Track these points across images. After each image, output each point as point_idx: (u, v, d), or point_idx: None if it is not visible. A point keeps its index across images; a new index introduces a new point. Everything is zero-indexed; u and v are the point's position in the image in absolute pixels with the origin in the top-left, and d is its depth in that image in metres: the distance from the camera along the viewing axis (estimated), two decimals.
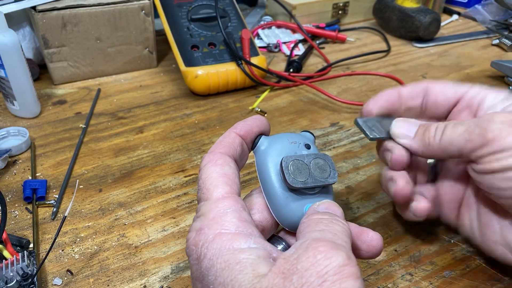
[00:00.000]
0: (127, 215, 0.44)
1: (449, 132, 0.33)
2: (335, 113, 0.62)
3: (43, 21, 0.63)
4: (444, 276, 0.37)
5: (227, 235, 0.26)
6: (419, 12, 0.83)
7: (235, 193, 0.29)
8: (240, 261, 0.24)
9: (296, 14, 0.87)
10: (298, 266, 0.23)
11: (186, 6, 0.69)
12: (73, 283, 0.37)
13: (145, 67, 0.74)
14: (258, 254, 0.25)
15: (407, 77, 0.72)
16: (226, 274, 0.24)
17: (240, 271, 0.24)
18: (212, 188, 0.29)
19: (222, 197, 0.28)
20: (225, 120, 0.60)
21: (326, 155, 0.33)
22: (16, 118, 0.60)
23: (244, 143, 0.33)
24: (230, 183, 0.29)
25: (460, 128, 0.33)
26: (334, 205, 0.30)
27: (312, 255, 0.23)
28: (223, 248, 0.25)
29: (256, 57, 0.68)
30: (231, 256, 0.25)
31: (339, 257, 0.23)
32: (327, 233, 0.26)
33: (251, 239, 0.26)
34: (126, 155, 0.53)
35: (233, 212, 0.27)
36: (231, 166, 0.30)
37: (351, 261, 0.23)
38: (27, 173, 0.50)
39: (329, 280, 0.22)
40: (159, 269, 0.38)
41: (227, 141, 0.32)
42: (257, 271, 0.24)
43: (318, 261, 0.23)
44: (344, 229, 0.27)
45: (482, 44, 0.86)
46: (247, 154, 0.34)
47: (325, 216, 0.28)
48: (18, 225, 0.43)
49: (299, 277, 0.23)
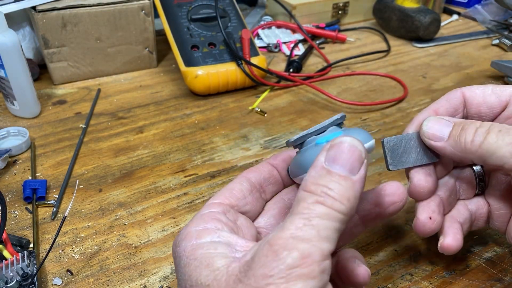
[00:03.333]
0: (127, 215, 0.44)
1: (492, 140, 0.28)
2: (335, 113, 0.62)
3: (43, 21, 0.63)
4: (444, 276, 0.37)
5: (194, 232, 0.26)
6: (419, 12, 0.83)
7: (228, 202, 0.29)
8: (197, 257, 0.25)
9: (296, 14, 0.87)
10: (251, 267, 0.22)
11: (186, 6, 0.69)
12: (73, 283, 0.37)
13: (145, 67, 0.74)
14: (216, 247, 0.25)
15: (407, 77, 0.72)
16: (187, 270, 0.25)
17: (196, 266, 0.24)
18: (210, 199, 0.30)
19: (210, 203, 0.29)
20: (225, 120, 0.60)
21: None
22: (16, 118, 0.60)
23: (274, 170, 0.33)
24: (227, 194, 0.30)
25: (508, 138, 0.28)
26: (345, 148, 0.24)
27: (264, 254, 0.22)
28: (188, 244, 0.26)
29: (256, 57, 0.68)
30: (192, 252, 0.25)
31: (289, 257, 0.21)
32: (297, 220, 0.22)
33: (215, 233, 0.26)
34: (126, 155, 0.53)
35: (209, 213, 0.28)
36: (242, 183, 0.31)
37: (307, 260, 0.21)
38: (27, 173, 0.50)
39: (273, 284, 0.21)
40: (159, 269, 0.38)
41: (256, 166, 0.33)
42: (211, 265, 0.24)
43: (267, 262, 0.21)
44: (329, 208, 0.22)
45: (482, 44, 0.86)
46: (278, 181, 0.33)
47: (310, 195, 0.23)
48: (18, 225, 0.43)
49: (247, 278, 0.22)
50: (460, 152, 0.30)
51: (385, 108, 0.63)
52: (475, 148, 0.29)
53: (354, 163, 0.24)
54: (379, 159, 0.52)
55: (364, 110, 0.63)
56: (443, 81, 0.71)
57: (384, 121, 0.60)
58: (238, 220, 0.29)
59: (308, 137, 0.29)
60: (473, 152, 0.29)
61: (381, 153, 0.54)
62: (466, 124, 0.31)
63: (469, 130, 0.30)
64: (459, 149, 0.30)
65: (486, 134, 0.29)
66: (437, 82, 0.71)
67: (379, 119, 0.61)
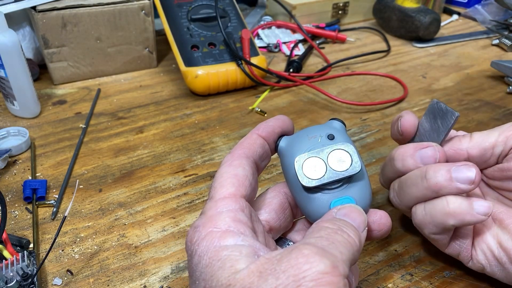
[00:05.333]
0: (127, 215, 0.44)
1: (478, 134, 0.35)
2: (335, 113, 0.62)
3: (43, 21, 0.63)
4: (444, 276, 0.37)
5: (217, 233, 0.26)
6: (419, 12, 0.83)
7: (240, 194, 0.28)
8: (221, 258, 0.25)
9: (296, 14, 0.87)
10: (277, 267, 0.23)
11: (186, 6, 0.69)
12: (73, 283, 0.37)
13: (145, 67, 0.74)
14: (241, 251, 0.25)
15: (407, 77, 0.72)
16: (208, 270, 0.25)
17: (219, 268, 0.24)
18: (218, 187, 0.29)
19: (223, 197, 0.28)
20: (225, 120, 0.60)
21: (347, 144, 0.31)
22: (16, 118, 0.60)
23: (266, 144, 0.32)
24: (237, 185, 0.29)
25: (485, 131, 0.34)
26: (355, 211, 0.29)
27: (294, 257, 0.23)
28: (210, 245, 0.25)
29: (256, 57, 0.68)
30: (215, 253, 0.25)
31: (321, 263, 0.22)
32: (322, 240, 0.25)
33: (239, 237, 0.26)
34: (126, 155, 0.53)
35: (228, 212, 0.27)
36: (245, 168, 0.30)
37: (335, 270, 0.22)
38: (27, 173, 0.50)
39: (304, 286, 0.22)
40: (159, 269, 0.38)
41: (247, 142, 0.31)
42: (234, 267, 0.24)
43: (298, 264, 0.22)
44: (347, 240, 0.26)
45: (482, 44, 0.86)
46: (269, 156, 0.33)
47: (332, 225, 0.27)
48: (18, 225, 0.43)
49: (275, 278, 0.22)
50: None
51: (385, 108, 0.63)
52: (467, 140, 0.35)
53: (360, 224, 0.28)
54: (379, 159, 0.52)
55: (364, 110, 0.63)
56: (443, 81, 0.71)
57: (384, 121, 0.60)
58: (252, 216, 0.29)
59: (323, 187, 0.31)
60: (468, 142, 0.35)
61: (381, 153, 0.54)
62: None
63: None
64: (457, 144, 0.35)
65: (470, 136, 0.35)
66: (437, 82, 0.71)
67: (379, 119, 0.61)
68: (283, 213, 0.33)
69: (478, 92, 0.68)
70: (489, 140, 0.35)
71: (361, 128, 0.58)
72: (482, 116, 0.61)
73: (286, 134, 0.33)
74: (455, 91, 0.68)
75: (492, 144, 0.35)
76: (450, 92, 0.68)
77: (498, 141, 0.35)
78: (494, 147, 0.35)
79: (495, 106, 0.64)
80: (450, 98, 0.66)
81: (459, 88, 0.69)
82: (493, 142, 0.35)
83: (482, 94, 0.67)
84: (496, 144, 0.35)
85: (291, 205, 0.33)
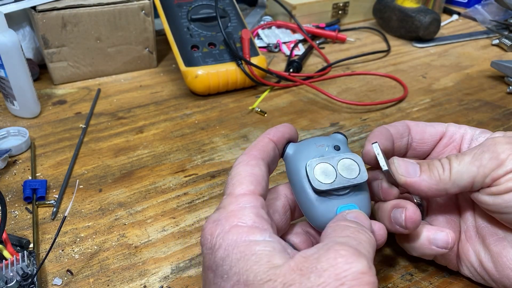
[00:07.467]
0: (127, 215, 0.44)
1: (456, 164, 0.32)
2: (335, 113, 0.62)
3: (43, 21, 0.63)
4: (444, 276, 0.37)
5: (243, 227, 0.26)
6: (419, 12, 0.83)
7: (258, 193, 0.29)
8: (255, 252, 0.25)
9: (296, 14, 0.87)
10: (317, 265, 0.23)
11: (186, 6, 0.69)
12: (73, 283, 0.37)
13: (145, 67, 0.74)
14: (274, 247, 0.25)
15: (407, 77, 0.72)
16: (241, 264, 0.25)
17: (255, 262, 0.24)
18: (237, 184, 0.29)
19: (244, 193, 0.29)
20: (225, 120, 0.60)
21: (355, 155, 0.33)
22: (16, 118, 0.60)
23: (276, 148, 0.33)
24: (255, 183, 0.29)
25: (466, 158, 0.31)
26: (363, 215, 0.30)
27: (333, 257, 0.24)
28: (238, 239, 0.26)
29: (256, 57, 0.68)
30: (247, 247, 0.25)
31: (359, 263, 0.24)
32: (351, 240, 0.26)
33: (266, 233, 0.26)
34: (126, 155, 0.53)
35: (252, 207, 0.28)
36: (261, 168, 0.31)
37: (371, 270, 0.24)
38: (27, 173, 0.50)
39: (346, 284, 0.23)
40: (159, 269, 0.38)
41: (261, 145, 0.33)
42: (272, 262, 0.24)
43: (338, 264, 0.23)
44: (370, 239, 0.27)
45: (482, 44, 0.86)
46: (277, 160, 0.34)
47: (353, 224, 0.28)
48: (18, 225, 0.43)
49: (317, 276, 0.23)
50: (435, 184, 0.32)
51: (385, 108, 0.63)
52: (446, 176, 0.32)
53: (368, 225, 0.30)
54: None
55: (364, 110, 0.63)
56: (443, 81, 0.71)
57: (384, 121, 0.60)
58: (269, 214, 0.30)
59: (331, 192, 0.32)
60: (447, 180, 0.32)
61: None
62: (429, 161, 0.33)
63: (435, 164, 0.32)
64: (434, 181, 0.32)
65: (449, 162, 0.32)
66: (437, 82, 0.71)
67: (379, 119, 0.61)
68: (285, 215, 0.34)
69: (478, 92, 0.68)
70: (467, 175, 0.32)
71: (361, 128, 0.58)
72: (482, 116, 0.61)
73: (292, 141, 0.35)
74: (455, 91, 0.68)
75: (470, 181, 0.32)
76: (450, 92, 0.68)
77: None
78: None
79: (495, 106, 0.64)
80: (450, 98, 0.66)
81: (459, 88, 0.69)
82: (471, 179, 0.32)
83: (482, 94, 0.67)
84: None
85: (291, 208, 0.34)
